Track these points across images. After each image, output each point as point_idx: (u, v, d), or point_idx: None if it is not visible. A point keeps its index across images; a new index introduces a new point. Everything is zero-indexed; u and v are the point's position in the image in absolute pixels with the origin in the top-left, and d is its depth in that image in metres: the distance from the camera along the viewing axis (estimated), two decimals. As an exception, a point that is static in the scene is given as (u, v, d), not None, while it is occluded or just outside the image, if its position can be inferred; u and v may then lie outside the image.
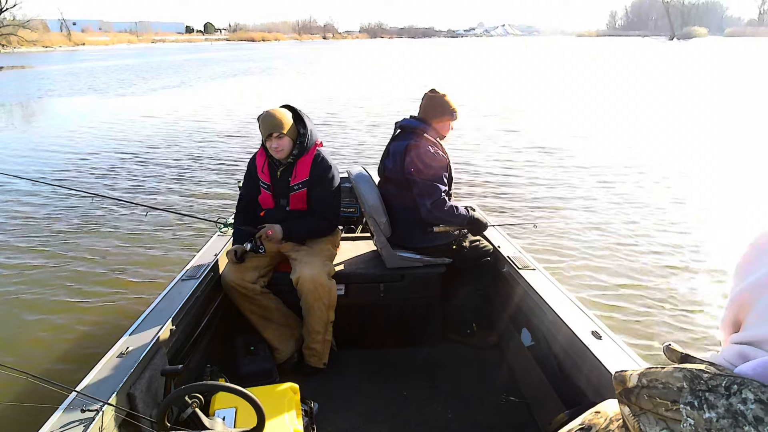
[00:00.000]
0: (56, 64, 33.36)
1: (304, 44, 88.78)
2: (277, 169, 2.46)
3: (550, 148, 8.46)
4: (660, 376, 0.44)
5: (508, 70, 26.99)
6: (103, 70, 28.28)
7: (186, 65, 31.68)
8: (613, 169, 7.18)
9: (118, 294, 3.80)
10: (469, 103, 13.23)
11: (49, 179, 6.88)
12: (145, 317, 1.98)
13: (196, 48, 66.14)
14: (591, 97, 15.11)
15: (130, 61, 37.11)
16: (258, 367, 2.35)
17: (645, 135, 9.52)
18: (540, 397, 2.16)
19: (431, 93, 2.58)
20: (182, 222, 5.27)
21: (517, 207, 5.66)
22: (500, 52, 48.74)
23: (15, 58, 43.39)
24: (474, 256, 2.61)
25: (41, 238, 4.89)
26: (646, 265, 4.18)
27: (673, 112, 12.21)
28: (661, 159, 7.74)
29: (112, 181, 6.87)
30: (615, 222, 5.15)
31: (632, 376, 0.47)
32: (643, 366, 0.48)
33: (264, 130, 2.36)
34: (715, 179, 6.62)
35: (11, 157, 8.44)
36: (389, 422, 2.19)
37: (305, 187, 2.44)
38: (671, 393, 0.42)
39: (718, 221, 5.14)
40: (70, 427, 1.37)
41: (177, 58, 40.34)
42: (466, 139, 9.00)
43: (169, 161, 7.92)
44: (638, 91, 16.67)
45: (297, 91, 17.67)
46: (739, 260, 0.50)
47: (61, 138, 9.96)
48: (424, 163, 2.44)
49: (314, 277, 2.33)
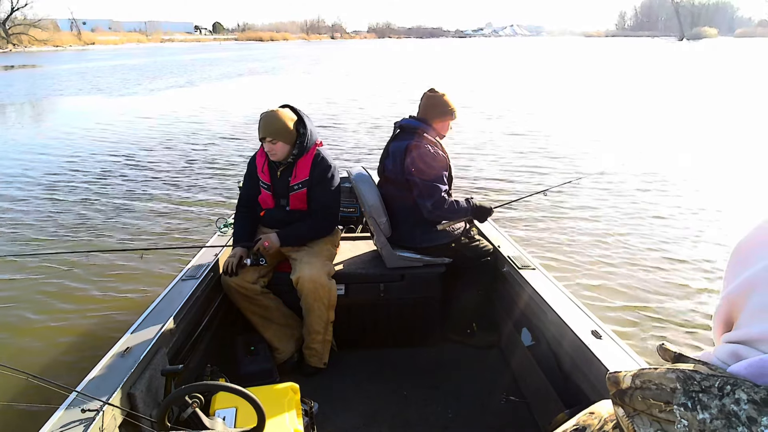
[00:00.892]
0: (65, 64, 33.51)
1: (312, 44, 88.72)
2: (277, 169, 2.46)
3: (553, 148, 8.45)
4: (653, 377, 0.44)
5: (516, 70, 26.91)
6: (110, 69, 28.34)
7: (192, 65, 31.76)
8: (615, 169, 7.15)
9: (118, 294, 3.80)
10: (472, 103, 13.19)
11: (46, 177, 6.90)
12: (145, 317, 1.98)
13: (205, 48, 66.40)
14: (596, 98, 15.06)
15: (138, 60, 37.23)
16: (258, 367, 2.35)
17: (650, 136, 9.47)
18: (540, 397, 2.16)
19: (430, 93, 2.58)
20: (182, 222, 5.28)
21: (518, 207, 5.65)
22: (507, 52, 48.54)
23: (26, 57, 43.83)
24: (474, 256, 2.61)
25: (41, 237, 4.89)
26: (646, 265, 4.18)
27: (679, 113, 12.16)
28: (666, 160, 7.70)
29: (111, 179, 6.87)
30: (615, 222, 5.15)
31: (626, 377, 0.46)
32: (644, 365, 0.48)
33: (260, 133, 2.38)
34: (718, 180, 6.60)
35: (13, 154, 8.45)
36: (389, 422, 2.19)
37: (305, 186, 2.44)
38: (664, 394, 0.42)
39: (720, 222, 5.14)
40: (70, 427, 1.37)
41: (184, 57, 40.43)
42: (468, 138, 9.01)
43: (169, 161, 7.92)
44: (645, 91, 16.61)
45: (301, 91, 17.66)
46: (729, 260, 0.50)
47: (64, 136, 9.99)
48: (424, 163, 2.44)
49: (314, 277, 2.33)
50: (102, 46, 67.14)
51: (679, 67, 27.74)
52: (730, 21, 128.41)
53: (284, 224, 2.50)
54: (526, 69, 27.48)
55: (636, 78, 21.45)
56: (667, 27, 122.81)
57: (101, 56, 43.48)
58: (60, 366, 2.99)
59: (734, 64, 30.51)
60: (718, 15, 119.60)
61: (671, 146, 8.64)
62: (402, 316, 2.68)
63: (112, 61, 36.40)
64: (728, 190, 6.20)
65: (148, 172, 7.32)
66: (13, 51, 53.18)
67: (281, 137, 2.36)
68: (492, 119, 11.27)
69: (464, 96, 14.40)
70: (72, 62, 35.28)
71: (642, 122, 10.93)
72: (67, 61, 36.52)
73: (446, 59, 38.12)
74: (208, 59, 37.87)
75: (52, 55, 45.56)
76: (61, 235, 4.95)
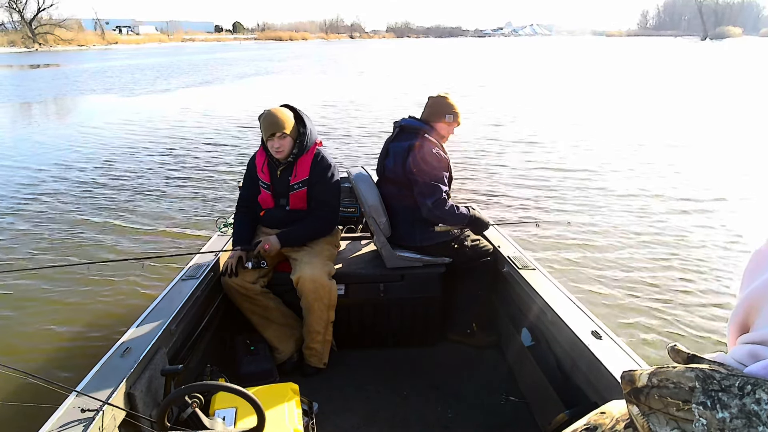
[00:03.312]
0: (88, 62, 33.87)
1: (331, 43, 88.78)
2: (277, 168, 2.46)
3: (559, 149, 8.43)
4: (671, 375, 0.44)
5: (534, 71, 26.68)
6: (131, 68, 28.47)
7: (210, 64, 32.02)
8: (619, 169, 7.15)
9: (118, 294, 3.80)
10: (485, 107, 13.03)
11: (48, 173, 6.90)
12: (145, 317, 1.98)
13: (225, 47, 67.14)
14: (607, 98, 14.92)
15: (158, 60, 37.67)
16: (258, 367, 2.36)
17: (661, 137, 9.34)
18: (540, 397, 2.16)
19: (439, 96, 2.60)
20: (182, 221, 5.28)
21: (519, 206, 5.66)
22: (524, 53, 48.15)
23: (51, 56, 44.70)
24: (474, 256, 2.61)
25: (40, 237, 4.89)
26: (646, 265, 4.18)
27: (688, 113, 12.05)
28: (671, 159, 7.67)
29: (111, 177, 6.87)
30: (616, 222, 5.15)
31: (642, 376, 0.46)
32: (644, 366, 0.48)
33: (266, 130, 2.36)
34: (729, 182, 6.52)
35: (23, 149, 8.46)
36: (389, 422, 2.19)
37: (305, 186, 2.44)
38: (683, 393, 0.42)
39: (724, 223, 5.11)
40: (70, 427, 1.37)
41: (203, 57, 40.86)
42: (472, 139, 9.01)
43: (170, 160, 7.93)
44: (657, 91, 16.47)
45: (315, 91, 17.63)
46: (747, 265, 0.50)
47: (68, 134, 10.04)
48: (426, 163, 2.44)
49: (314, 277, 2.33)
50: (125, 46, 68.42)
51: (699, 68, 27.34)
52: (755, 20, 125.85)
53: (284, 224, 2.50)
54: (544, 70, 27.16)
55: (653, 79, 21.18)
56: (690, 26, 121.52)
57: (123, 55, 43.91)
58: (60, 366, 2.99)
59: (759, 64, 29.96)
60: (743, 14, 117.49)
61: (676, 145, 8.62)
62: (402, 316, 2.68)
63: (134, 60, 36.65)
64: (740, 193, 6.09)
65: (147, 170, 7.32)
66: (39, 50, 54.67)
67: (290, 132, 2.39)
68: (504, 125, 10.75)
69: (477, 99, 14.34)
70: (95, 61, 35.67)
71: (651, 123, 10.84)
72: (90, 60, 36.88)
73: (462, 59, 37.97)
74: (226, 59, 38.24)
75: (77, 54, 46.21)
76: (59, 235, 4.95)
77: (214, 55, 43.32)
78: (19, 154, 8.55)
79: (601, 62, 33.29)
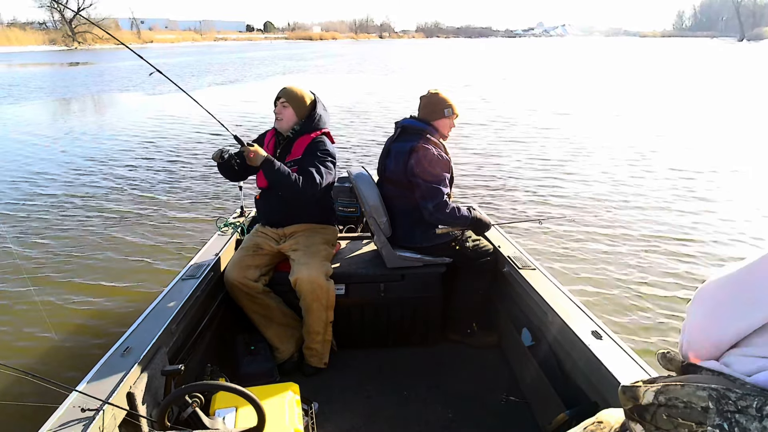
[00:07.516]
0: (123, 61, 34.38)
1: (360, 43, 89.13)
2: (279, 146, 2.53)
3: (568, 150, 8.40)
4: (680, 394, 0.40)
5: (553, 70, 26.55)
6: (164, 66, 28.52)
7: (237, 63, 32.47)
8: (625, 171, 7.11)
9: (118, 293, 3.81)
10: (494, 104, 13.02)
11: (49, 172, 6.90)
12: (145, 317, 1.98)
13: (255, 46, 68.15)
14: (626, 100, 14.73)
15: (190, 58, 38.59)
16: (258, 366, 2.35)
17: (678, 140, 9.18)
18: (540, 397, 2.16)
19: (431, 93, 2.58)
20: (182, 221, 5.28)
21: (519, 206, 5.66)
22: (556, 54, 47.69)
23: (89, 54, 46.24)
24: (474, 256, 2.61)
25: (40, 237, 4.89)
26: (647, 265, 4.18)
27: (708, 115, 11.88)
28: (681, 158, 7.62)
29: (112, 176, 6.88)
30: (616, 223, 5.15)
31: (647, 393, 0.43)
32: (645, 366, 0.47)
33: (276, 95, 2.51)
34: (737, 184, 6.48)
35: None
36: (389, 422, 2.19)
37: (296, 165, 2.45)
38: (695, 413, 0.39)
39: (727, 224, 5.10)
40: (70, 427, 1.37)
41: (233, 56, 41.38)
42: (474, 139, 9.00)
43: (171, 160, 7.93)
44: (678, 93, 16.26)
45: (340, 88, 17.73)
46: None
47: (72, 134, 10.06)
48: (428, 166, 2.43)
49: (312, 278, 2.33)
50: (159, 44, 69.87)
51: (730, 69, 26.85)
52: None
53: (277, 206, 2.55)
54: (566, 71, 26.89)
55: (677, 81, 20.83)
56: (727, 27, 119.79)
57: (157, 54, 44.21)
58: (60, 365, 2.99)
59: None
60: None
61: (690, 148, 8.52)
62: (402, 316, 2.68)
63: (168, 59, 36.90)
64: (750, 195, 6.03)
65: (148, 169, 7.33)
66: (79, 48, 57.03)
67: (293, 104, 2.48)
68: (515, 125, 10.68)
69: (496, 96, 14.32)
70: (131, 59, 35.79)
71: (667, 126, 10.65)
72: (126, 58, 37.04)
73: (488, 59, 37.82)
74: (257, 57, 38.85)
75: (113, 53, 46.82)
76: (59, 235, 4.95)
77: (248, 54, 44.21)
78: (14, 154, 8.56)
79: (629, 63, 32.86)
